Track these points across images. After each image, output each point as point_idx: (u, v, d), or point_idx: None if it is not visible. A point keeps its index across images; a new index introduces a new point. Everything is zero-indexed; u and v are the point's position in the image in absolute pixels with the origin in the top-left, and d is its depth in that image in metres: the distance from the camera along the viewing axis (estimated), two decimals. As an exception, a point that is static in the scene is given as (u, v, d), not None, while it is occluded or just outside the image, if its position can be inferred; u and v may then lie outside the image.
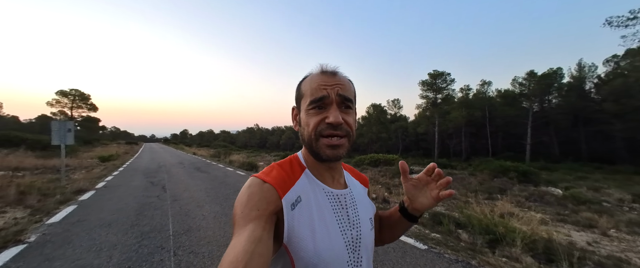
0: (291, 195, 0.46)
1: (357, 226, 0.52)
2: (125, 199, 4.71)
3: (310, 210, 0.47)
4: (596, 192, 6.95)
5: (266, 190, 0.45)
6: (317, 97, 0.46)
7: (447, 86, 25.97)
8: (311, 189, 0.50)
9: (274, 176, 0.47)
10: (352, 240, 0.50)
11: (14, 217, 3.60)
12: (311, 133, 0.47)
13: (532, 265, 2.36)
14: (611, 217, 4.66)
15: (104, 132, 71.41)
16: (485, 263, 2.35)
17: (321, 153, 0.47)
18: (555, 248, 2.58)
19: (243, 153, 21.54)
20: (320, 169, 0.53)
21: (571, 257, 2.51)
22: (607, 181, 9.68)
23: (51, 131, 6.19)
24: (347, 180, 0.59)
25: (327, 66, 0.51)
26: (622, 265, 2.81)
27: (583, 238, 3.91)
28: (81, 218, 3.57)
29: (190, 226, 3.23)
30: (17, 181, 5.72)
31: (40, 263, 2.25)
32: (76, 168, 9.51)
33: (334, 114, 0.46)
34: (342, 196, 0.53)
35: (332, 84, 0.47)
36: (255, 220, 0.41)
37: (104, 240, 2.77)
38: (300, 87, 0.52)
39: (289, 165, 0.52)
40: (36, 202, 4.37)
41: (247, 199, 0.43)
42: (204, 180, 7.00)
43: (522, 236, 2.73)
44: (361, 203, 0.57)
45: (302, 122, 0.50)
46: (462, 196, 6.43)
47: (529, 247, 2.69)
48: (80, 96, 38.86)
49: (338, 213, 0.51)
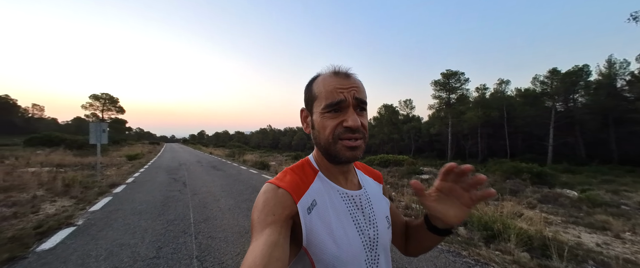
0: (306, 199, 0.47)
1: (374, 226, 0.52)
2: (152, 192, 5.25)
3: (327, 212, 0.47)
4: (615, 195, 6.60)
5: (281, 195, 0.45)
6: (334, 101, 0.46)
7: (461, 86, 25.18)
8: (326, 191, 0.50)
9: (288, 181, 0.48)
10: (370, 239, 0.50)
11: (63, 205, 4.20)
12: (328, 136, 0.47)
13: (523, 257, 2.46)
14: (628, 220, 4.49)
15: (130, 133, 76.32)
16: (476, 254, 2.49)
17: (340, 155, 0.47)
18: (552, 245, 2.64)
19: (256, 153, 22.24)
20: (333, 171, 0.53)
21: (565, 253, 2.57)
22: (636, 185, 9.05)
23: (89, 132, 6.96)
24: (361, 178, 0.59)
25: (340, 67, 0.50)
26: (628, 265, 2.80)
27: (593, 240, 3.84)
28: (117, 207, 4.09)
29: (208, 216, 3.62)
30: (62, 175, 6.50)
31: (89, 241, 2.70)
32: (107, 166, 10.47)
33: (352, 118, 0.45)
34: (357, 197, 0.53)
35: (348, 87, 0.47)
36: (271, 224, 0.41)
37: (137, 225, 3.21)
38: (311, 88, 0.51)
39: (302, 169, 0.52)
40: (79, 193, 5.00)
41: (262, 205, 0.44)
42: (220, 177, 7.50)
43: (518, 232, 2.82)
44: (376, 202, 0.56)
45: (317, 125, 0.49)
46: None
47: (525, 242, 2.77)
48: (110, 99, 41.91)
49: (354, 214, 0.51)
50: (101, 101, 40.75)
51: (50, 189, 5.26)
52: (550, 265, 2.37)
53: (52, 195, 4.84)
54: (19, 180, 5.94)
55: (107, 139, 7.29)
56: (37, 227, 3.04)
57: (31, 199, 4.45)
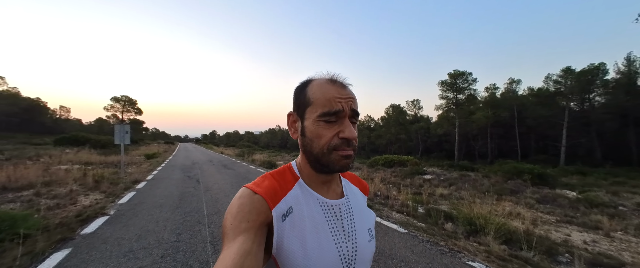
0: (282, 206, 0.45)
1: (353, 238, 0.50)
2: (170, 188, 5.80)
3: (302, 221, 0.46)
4: (615, 196, 6.53)
5: (256, 200, 0.44)
6: (332, 110, 0.45)
7: (469, 86, 24.73)
8: (304, 199, 0.49)
9: (265, 187, 0.46)
10: (348, 252, 0.48)
11: (95, 198, 4.79)
12: (324, 146, 0.46)
13: (497, 248, 2.70)
14: (622, 220, 4.54)
15: (146, 133, 79.73)
16: (454, 244, 2.76)
17: (334, 164, 0.46)
18: (524, 238, 2.87)
19: (265, 153, 22.86)
20: (316, 178, 0.51)
21: (534, 244, 2.79)
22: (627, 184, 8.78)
23: (114, 133, 7.66)
24: (346, 187, 0.57)
25: (338, 76, 0.49)
26: (604, 259, 2.96)
27: (582, 238, 3.96)
28: (141, 200, 4.63)
29: (219, 209, 4.07)
30: (91, 172, 7.22)
31: (121, 228, 3.20)
32: (129, 164, 11.30)
33: (349, 130, 0.45)
34: (337, 207, 0.51)
35: (345, 97, 0.47)
36: (245, 232, 0.40)
37: (159, 216, 3.70)
38: (305, 93, 0.49)
39: (282, 175, 0.51)
40: (107, 188, 5.62)
41: (237, 210, 0.43)
42: (230, 175, 8.02)
43: (497, 227, 3.05)
44: (359, 213, 0.54)
45: (309, 132, 0.47)
46: (472, 198, 6.54)
47: (504, 236, 3.00)
48: (128, 101, 44.09)
49: (332, 225, 0.49)
50: (121, 103, 43.02)
51: (82, 184, 5.92)
52: (520, 254, 2.61)
53: (85, 189, 5.48)
54: (55, 176, 6.67)
55: (129, 139, 7.98)
56: (78, 216, 3.58)
57: (68, 192, 5.08)
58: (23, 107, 38.01)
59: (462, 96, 24.84)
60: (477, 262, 2.46)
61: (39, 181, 5.73)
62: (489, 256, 2.58)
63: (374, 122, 45.17)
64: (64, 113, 56.32)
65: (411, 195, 5.31)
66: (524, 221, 4.36)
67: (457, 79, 24.23)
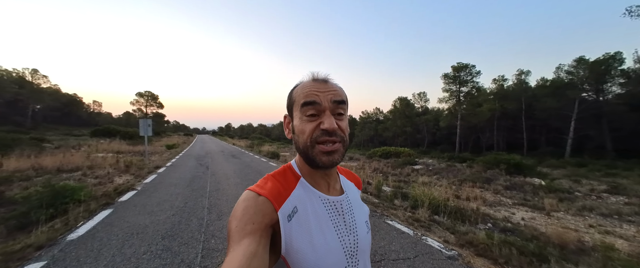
0: (287, 206, 0.46)
1: (353, 232, 0.51)
2: (184, 172, 6.93)
3: (308, 219, 0.47)
4: (576, 183, 6.82)
5: (261, 202, 0.44)
6: (308, 101, 0.46)
7: (473, 79, 24.04)
8: (307, 198, 0.49)
9: (269, 189, 0.47)
10: (350, 245, 0.50)
11: (127, 179, 5.97)
12: (306, 140, 0.46)
13: (423, 215, 3.41)
14: (570, 203, 4.97)
15: (168, 125, 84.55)
16: (389, 212, 3.51)
17: (317, 160, 0.46)
18: (445, 209, 3.57)
19: (274, 145, 24.02)
20: (316, 176, 0.52)
21: (468, 217, 3.47)
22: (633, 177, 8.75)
23: (139, 126, 8.92)
24: (343, 183, 0.59)
25: (318, 73, 0.50)
26: (522, 228, 3.55)
27: (523, 215, 4.50)
28: (161, 181, 5.75)
29: (219, 188, 5.06)
30: (122, 159, 8.57)
31: (146, 198, 4.25)
32: (152, 153, 12.80)
33: (328, 121, 0.45)
34: (339, 203, 0.52)
35: (324, 91, 0.47)
36: (250, 234, 0.40)
37: (173, 191, 4.74)
38: (291, 95, 0.51)
39: (284, 175, 0.52)
40: (135, 172, 6.84)
41: (242, 213, 0.43)
42: (236, 164, 9.10)
43: (430, 201, 3.74)
44: (357, 207, 0.56)
45: (296, 129, 0.48)
46: (448, 185, 7.10)
47: (436, 208, 3.69)
48: (151, 96, 46.99)
49: (335, 220, 0.50)
50: (145, 97, 46.09)
51: (116, 168, 7.20)
52: (437, 219, 3.33)
53: (118, 172, 6.73)
54: (95, 162, 8.05)
55: (152, 132, 9.23)
56: (115, 190, 4.71)
57: (106, 174, 6.34)
58: (63, 102, 42.03)
59: (466, 89, 24.28)
60: (394, 221, 3.22)
61: (84, 165, 7.08)
62: (411, 219, 3.31)
63: (383, 115, 44.96)
64: (96, 107, 61.22)
65: (382, 180, 6.02)
66: (477, 202, 4.97)
67: (460, 72, 23.63)
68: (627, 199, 5.32)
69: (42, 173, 6.00)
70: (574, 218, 4.43)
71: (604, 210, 4.69)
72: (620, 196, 5.57)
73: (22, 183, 4.95)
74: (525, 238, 2.89)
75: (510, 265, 2.11)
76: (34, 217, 2.96)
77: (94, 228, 2.86)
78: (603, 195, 5.71)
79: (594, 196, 5.60)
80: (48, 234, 2.62)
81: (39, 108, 35.59)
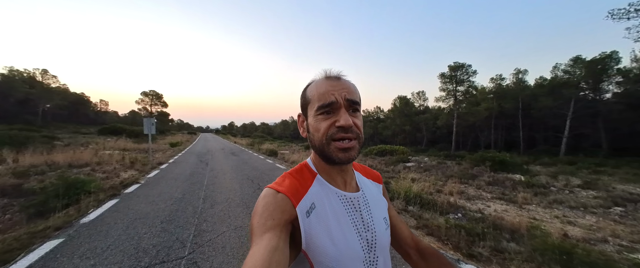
0: (305, 203, 0.47)
1: (371, 228, 0.52)
2: (185, 168, 7.35)
3: (326, 215, 0.48)
4: (553, 179, 7.09)
5: (280, 199, 0.45)
6: (326, 103, 0.47)
7: (469, 78, 24.12)
8: (324, 194, 0.50)
9: (286, 186, 0.48)
10: (368, 241, 0.50)
11: (132, 174, 6.40)
12: (322, 137, 0.47)
13: (399, 205, 3.75)
14: (544, 197, 5.26)
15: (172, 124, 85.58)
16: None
17: (334, 156, 0.47)
18: (417, 199, 3.90)
19: (275, 143, 24.39)
20: (332, 173, 0.53)
21: (440, 207, 3.80)
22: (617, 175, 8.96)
23: (143, 125, 9.36)
24: (359, 180, 0.59)
25: (331, 71, 0.51)
26: (491, 218, 3.87)
27: (496, 208, 4.80)
28: (162, 175, 6.17)
29: (215, 181, 5.46)
30: (128, 156, 9.03)
31: (149, 190, 4.66)
32: (156, 150, 13.28)
33: (344, 118, 0.46)
34: (355, 199, 0.53)
35: (338, 89, 0.48)
36: (271, 229, 0.41)
37: (173, 184, 5.15)
38: (305, 94, 0.52)
39: (300, 173, 0.53)
40: (140, 167, 7.28)
41: (262, 209, 0.44)
42: (234, 161, 9.51)
43: (405, 194, 4.08)
44: (374, 204, 0.56)
45: (311, 128, 0.50)
46: (438, 181, 7.41)
47: (411, 199, 4.02)
48: (156, 95, 47.71)
49: (352, 216, 0.50)
50: (149, 97, 46.84)
51: (122, 164, 7.65)
52: (409, 209, 3.67)
53: (124, 168, 7.17)
54: (103, 158, 8.52)
55: (155, 130, 9.67)
56: (121, 183, 5.13)
57: (113, 169, 6.78)
58: (71, 101, 42.96)
59: (463, 88, 24.38)
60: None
61: (93, 161, 7.54)
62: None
63: (384, 113, 45.12)
64: (103, 106, 62.30)
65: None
66: (456, 196, 5.29)
67: (457, 71, 23.73)
68: (596, 193, 5.59)
69: (54, 168, 6.46)
70: (544, 210, 4.73)
71: (572, 203, 4.98)
72: (591, 190, 5.85)
73: (38, 177, 5.40)
74: (487, 225, 3.21)
75: (451, 241, 2.45)
76: (51, 205, 3.37)
77: (103, 214, 3.27)
78: (576, 189, 5.99)
79: (567, 190, 5.88)
80: (64, 218, 3.03)
81: (48, 106, 36.50)
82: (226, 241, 2.51)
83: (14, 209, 3.59)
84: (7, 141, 8.54)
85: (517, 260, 2.07)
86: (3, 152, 7.46)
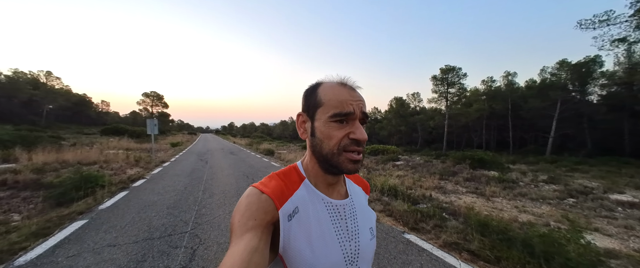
0: (288, 206, 0.46)
1: (355, 238, 0.50)
2: (185, 166, 7.87)
3: (308, 221, 0.47)
4: (522, 175, 7.67)
5: (264, 200, 0.44)
6: (344, 111, 0.46)
7: (459, 80, 24.80)
8: (310, 200, 0.49)
9: (272, 187, 0.47)
10: (351, 252, 0.49)
11: (137, 170, 6.91)
12: (334, 147, 0.46)
13: (373, 196, 4.28)
14: (511, 190, 5.81)
15: (172, 124, 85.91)
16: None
17: (343, 166, 0.46)
18: (391, 191, 4.43)
19: (274, 143, 24.89)
20: (321, 179, 0.51)
21: (411, 198, 4.33)
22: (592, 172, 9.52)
23: (147, 126, 9.87)
24: (349, 187, 0.57)
25: (348, 79, 0.50)
26: (455, 207, 4.40)
27: (466, 200, 5.32)
28: (166, 172, 6.69)
29: (214, 177, 5.98)
30: (132, 155, 9.54)
31: (154, 184, 5.17)
32: (157, 150, 13.77)
33: (360, 131, 0.46)
34: (342, 207, 0.52)
35: (356, 99, 0.47)
36: (252, 230, 0.41)
37: (176, 179, 5.67)
38: (316, 95, 0.49)
39: (288, 175, 0.51)
40: (144, 165, 7.79)
41: (245, 208, 0.43)
42: (232, 159, 10.03)
43: (381, 186, 4.61)
44: (361, 213, 0.55)
45: (320, 133, 0.47)
46: (422, 178, 7.94)
47: (387, 191, 4.55)
48: (156, 96, 48.11)
49: (337, 225, 0.49)
50: (151, 98, 47.26)
51: (127, 162, 8.16)
52: (382, 198, 4.21)
53: (130, 165, 7.68)
54: (108, 157, 9.02)
55: (158, 131, 10.18)
56: (129, 178, 5.64)
57: (120, 167, 7.29)
58: (74, 102, 43.33)
59: (454, 90, 25.02)
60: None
61: (100, 160, 8.05)
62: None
63: (381, 114, 45.70)
64: (104, 107, 62.64)
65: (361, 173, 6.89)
66: (432, 190, 5.82)
67: (448, 74, 24.39)
68: (557, 187, 6.14)
69: (66, 166, 6.96)
70: (508, 201, 5.27)
71: (534, 195, 5.52)
72: (553, 185, 6.40)
73: (52, 173, 5.91)
74: (440, 210, 3.74)
75: (403, 220, 2.99)
76: (70, 196, 3.88)
77: (117, 203, 3.79)
78: (540, 184, 6.55)
79: (533, 185, 6.43)
80: (84, 206, 3.55)
81: (51, 107, 36.90)
82: (221, 221, 3.03)
83: (36, 200, 4.10)
84: (19, 141, 9.03)
85: (449, 231, 2.61)
86: (16, 151, 7.96)
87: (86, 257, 2.12)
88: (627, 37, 9.73)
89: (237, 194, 4.41)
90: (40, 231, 2.64)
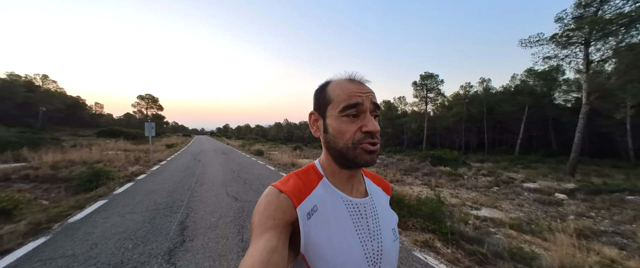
0: (307, 205, 0.45)
1: (378, 238, 0.49)
2: (180, 164, 8.80)
3: (327, 219, 0.46)
4: (468, 169, 8.96)
5: (282, 199, 0.44)
6: (352, 103, 0.45)
7: (437, 86, 26.55)
8: (328, 198, 0.48)
9: (290, 186, 0.47)
10: (373, 252, 0.47)
11: (137, 168, 7.81)
12: (348, 141, 0.46)
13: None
14: (454, 182, 7.01)
15: (167, 126, 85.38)
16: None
17: (359, 159, 0.46)
18: None
19: (267, 145, 25.66)
20: (340, 177, 0.51)
21: None
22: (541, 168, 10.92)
23: (145, 128, 10.72)
24: (369, 187, 0.56)
25: (356, 74, 0.50)
26: (406, 196, 5.50)
27: (417, 190, 6.42)
28: (163, 169, 7.62)
29: (205, 172, 6.96)
30: (131, 155, 10.36)
31: (153, 178, 6.12)
32: (154, 151, 14.53)
33: (372, 123, 0.45)
34: (362, 206, 0.50)
35: (365, 92, 0.47)
36: (271, 229, 0.41)
37: (172, 175, 6.62)
38: (325, 92, 0.50)
39: (306, 174, 0.51)
40: (143, 164, 8.68)
41: (264, 208, 0.43)
42: (223, 159, 10.98)
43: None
44: (383, 213, 0.54)
45: (332, 129, 0.47)
46: (388, 173, 9.08)
47: None
48: (151, 99, 48.26)
49: (357, 223, 0.48)
50: (145, 100, 47.41)
51: (128, 161, 9.02)
52: None
53: (130, 164, 8.56)
54: (109, 157, 9.84)
55: (155, 133, 11.05)
56: (132, 173, 6.57)
57: (122, 165, 8.16)
58: (68, 104, 43.10)
59: (432, 95, 26.70)
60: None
61: (103, 159, 8.89)
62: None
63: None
64: (98, 109, 62.04)
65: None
66: (392, 183, 6.94)
67: (427, 80, 26.05)
68: (490, 179, 7.39)
69: (74, 164, 7.80)
70: (448, 190, 6.44)
71: (470, 185, 6.72)
72: (488, 177, 7.65)
73: (65, 170, 6.77)
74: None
75: None
76: (85, 187, 4.79)
77: (127, 190, 4.75)
78: (480, 177, 7.79)
79: (473, 178, 7.66)
80: (101, 191, 4.50)
81: (45, 109, 36.77)
82: (209, 200, 4.06)
83: (58, 190, 5.00)
84: (25, 142, 9.77)
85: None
86: (24, 151, 8.73)
87: (115, 219, 3.12)
88: (557, 54, 11.50)
89: (224, 184, 5.42)
90: (75, 206, 3.60)
